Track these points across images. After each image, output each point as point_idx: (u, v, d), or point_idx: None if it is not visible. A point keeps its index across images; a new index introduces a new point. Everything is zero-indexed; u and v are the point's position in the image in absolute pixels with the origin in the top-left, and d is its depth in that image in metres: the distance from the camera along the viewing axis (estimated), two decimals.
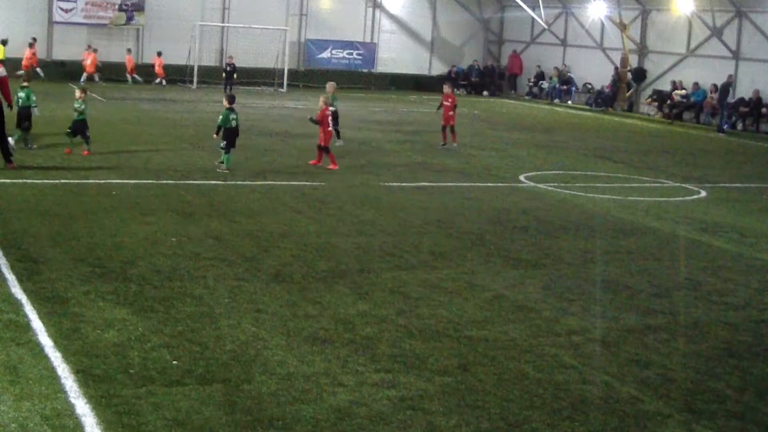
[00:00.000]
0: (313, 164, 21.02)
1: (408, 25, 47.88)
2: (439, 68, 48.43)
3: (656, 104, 40.42)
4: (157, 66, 41.12)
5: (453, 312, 10.79)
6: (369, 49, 46.76)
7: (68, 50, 40.69)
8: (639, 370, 9.27)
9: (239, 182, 18.46)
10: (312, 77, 44.90)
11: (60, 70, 39.97)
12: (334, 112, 22.95)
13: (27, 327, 9.37)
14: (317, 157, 21.14)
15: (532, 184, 20.54)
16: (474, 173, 21.84)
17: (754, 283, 13.10)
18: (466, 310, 10.91)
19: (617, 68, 41.92)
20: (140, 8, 41.90)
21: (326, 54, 45.78)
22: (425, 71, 48.31)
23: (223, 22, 43.44)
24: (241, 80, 40.05)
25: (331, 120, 22.03)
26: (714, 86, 37.53)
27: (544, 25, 45.32)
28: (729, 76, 36.91)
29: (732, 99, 36.82)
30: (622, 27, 41.04)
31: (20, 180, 17.14)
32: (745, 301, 12.17)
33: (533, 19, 45.54)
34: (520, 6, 43.97)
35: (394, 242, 14.11)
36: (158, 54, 41.11)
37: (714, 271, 13.64)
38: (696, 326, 10.92)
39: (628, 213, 17.89)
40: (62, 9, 40.54)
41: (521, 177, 21.44)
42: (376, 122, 31.53)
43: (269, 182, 18.85)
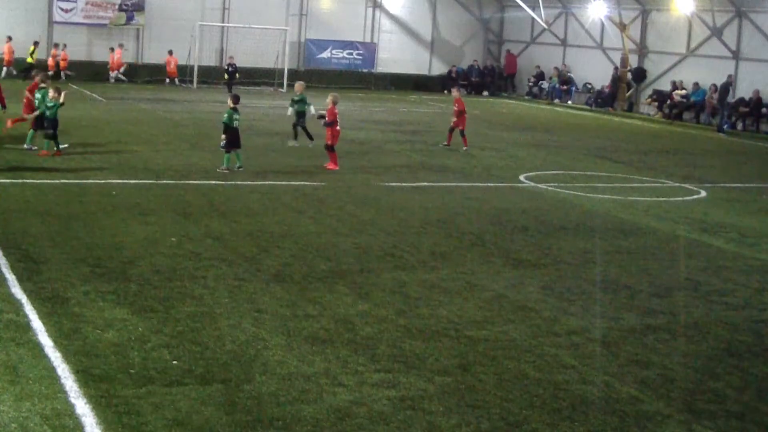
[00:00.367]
0: (328, 167, 20.63)
1: (408, 25, 47.87)
2: (439, 68, 48.41)
3: (656, 104, 40.42)
4: (172, 65, 41.06)
5: (453, 312, 10.79)
6: (369, 49, 46.75)
7: (68, 50, 40.60)
8: (639, 370, 9.27)
9: (239, 182, 18.45)
10: (312, 77, 44.87)
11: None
12: (301, 112, 22.83)
13: (27, 327, 9.37)
14: (332, 160, 20.78)
15: (532, 184, 20.53)
16: (474, 173, 21.83)
17: (754, 283, 13.10)
18: (466, 310, 10.91)
19: (616, 68, 41.91)
20: (140, 8, 41.90)
21: (326, 54, 45.77)
22: (425, 71, 48.29)
23: (223, 22, 43.43)
24: (241, 80, 40.07)
25: (298, 119, 22.06)
26: (714, 86, 37.52)
27: (544, 25, 45.31)
28: (729, 76, 36.91)
29: (732, 99, 36.82)
30: (622, 27, 41.03)
31: (20, 180, 17.15)
32: (745, 301, 12.17)
33: (533, 19, 45.54)
34: (520, 6, 43.97)
35: (394, 242, 14.11)
36: (170, 53, 40.99)
37: (714, 271, 13.64)
38: (696, 326, 10.92)
39: (628, 213, 17.89)
40: (62, 9, 40.54)
41: (521, 177, 21.44)
42: (376, 122, 31.52)
43: (269, 182, 18.84)
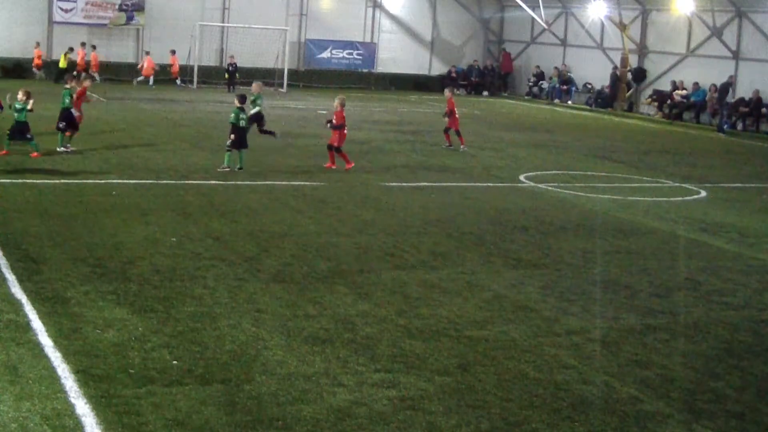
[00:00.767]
0: (348, 168, 20.45)
1: (408, 25, 47.85)
2: (439, 68, 48.38)
3: (656, 104, 40.41)
4: (175, 65, 41.03)
5: (453, 312, 10.79)
6: (369, 49, 46.74)
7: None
8: (639, 370, 9.27)
9: (239, 182, 18.45)
10: (312, 77, 44.93)
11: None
12: (258, 113, 22.62)
13: (27, 327, 9.37)
14: (345, 160, 20.63)
15: (532, 184, 20.53)
16: (474, 173, 21.83)
17: (754, 283, 13.10)
18: (466, 310, 10.91)
19: (616, 68, 41.89)
20: (140, 8, 41.89)
21: (326, 54, 45.76)
22: (425, 71, 48.27)
23: (223, 22, 43.42)
24: (242, 80, 40.03)
25: (255, 121, 21.94)
26: (714, 86, 37.52)
27: (544, 25, 45.30)
28: (730, 77, 36.91)
29: (732, 99, 36.81)
30: (622, 27, 41.03)
31: (20, 180, 17.15)
32: (745, 301, 12.17)
33: (533, 19, 45.52)
34: (520, 6, 43.96)
35: (394, 242, 14.10)
36: (172, 52, 40.88)
37: (714, 271, 13.63)
38: (696, 326, 10.92)
39: (628, 213, 17.89)
40: (62, 9, 40.53)
41: (521, 177, 21.43)
42: (376, 122, 31.51)
43: (269, 182, 18.84)
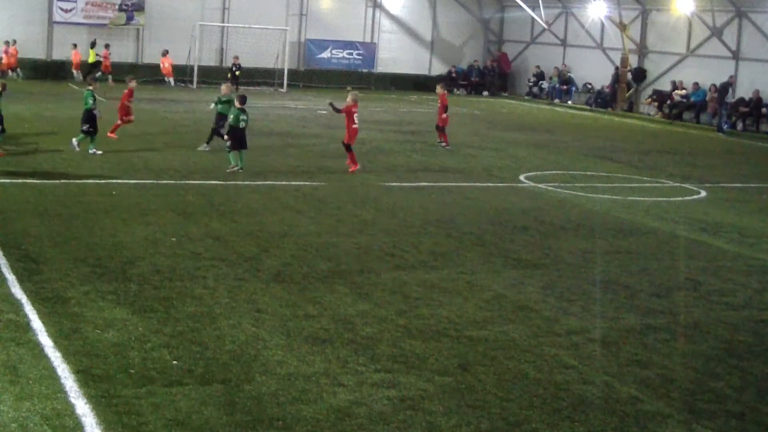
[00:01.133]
0: (352, 171, 20.37)
1: (408, 25, 47.85)
2: (439, 68, 48.35)
3: (656, 104, 40.40)
4: (167, 65, 40.96)
5: (453, 312, 10.79)
6: (369, 49, 46.74)
7: (68, 51, 40.60)
8: (639, 370, 9.27)
9: (239, 182, 18.45)
10: (312, 77, 44.92)
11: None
12: (223, 114, 21.95)
13: (27, 327, 9.37)
14: (352, 162, 20.59)
15: (532, 184, 20.53)
16: (474, 173, 21.83)
17: (754, 283, 13.10)
18: (466, 310, 10.91)
19: (617, 68, 41.88)
20: (140, 8, 41.87)
21: (326, 54, 45.75)
22: (425, 71, 48.24)
23: (223, 22, 43.41)
24: (242, 80, 40.03)
25: (218, 121, 21.77)
26: (714, 86, 37.52)
27: (544, 25, 45.28)
28: (730, 77, 36.90)
29: (732, 99, 36.80)
30: (622, 27, 41.02)
31: (20, 180, 17.15)
32: (745, 301, 12.17)
33: (533, 19, 45.51)
34: (520, 6, 43.95)
35: (394, 242, 14.10)
36: (164, 53, 40.79)
37: (714, 271, 13.63)
38: (696, 326, 10.92)
39: (628, 213, 17.89)
40: (62, 9, 40.51)
41: (521, 177, 21.43)
42: (376, 122, 31.49)
43: (269, 182, 18.84)
